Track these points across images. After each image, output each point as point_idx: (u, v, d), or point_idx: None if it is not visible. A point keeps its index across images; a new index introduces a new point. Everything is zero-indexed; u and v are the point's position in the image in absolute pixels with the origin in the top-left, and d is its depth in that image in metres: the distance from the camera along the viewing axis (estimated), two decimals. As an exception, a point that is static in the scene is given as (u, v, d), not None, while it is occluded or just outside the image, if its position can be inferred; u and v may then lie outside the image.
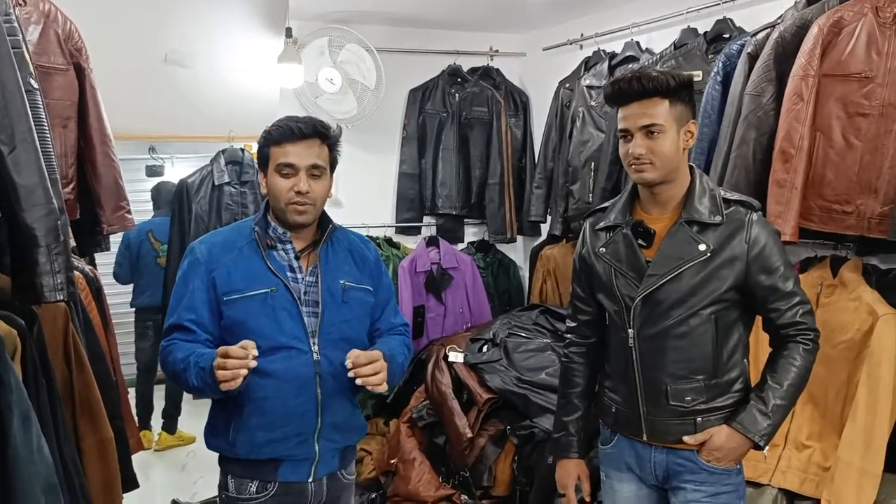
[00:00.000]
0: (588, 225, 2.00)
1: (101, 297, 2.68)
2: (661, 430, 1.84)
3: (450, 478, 3.08)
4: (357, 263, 1.99)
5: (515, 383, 3.01)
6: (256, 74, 3.73)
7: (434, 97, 4.10)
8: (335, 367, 1.86)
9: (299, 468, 1.88)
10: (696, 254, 1.75)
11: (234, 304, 1.82)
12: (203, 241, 1.92)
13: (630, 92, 1.75)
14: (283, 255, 1.89)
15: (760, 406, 1.77)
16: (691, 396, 1.80)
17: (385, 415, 3.77)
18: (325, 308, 1.87)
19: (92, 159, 2.49)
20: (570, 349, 2.09)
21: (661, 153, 1.74)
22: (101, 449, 2.09)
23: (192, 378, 1.73)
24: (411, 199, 4.12)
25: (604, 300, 1.93)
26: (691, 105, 1.79)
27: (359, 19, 3.77)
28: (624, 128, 1.78)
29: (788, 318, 1.79)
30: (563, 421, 2.07)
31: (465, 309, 3.97)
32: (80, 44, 2.41)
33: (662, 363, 1.81)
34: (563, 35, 3.83)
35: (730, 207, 1.78)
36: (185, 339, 1.82)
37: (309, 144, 1.85)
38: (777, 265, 1.76)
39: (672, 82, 1.73)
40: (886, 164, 2.17)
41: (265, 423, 1.83)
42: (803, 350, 1.79)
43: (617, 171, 3.15)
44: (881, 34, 2.17)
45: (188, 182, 4.21)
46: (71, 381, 2.02)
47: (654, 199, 1.84)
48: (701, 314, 1.77)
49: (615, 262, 1.87)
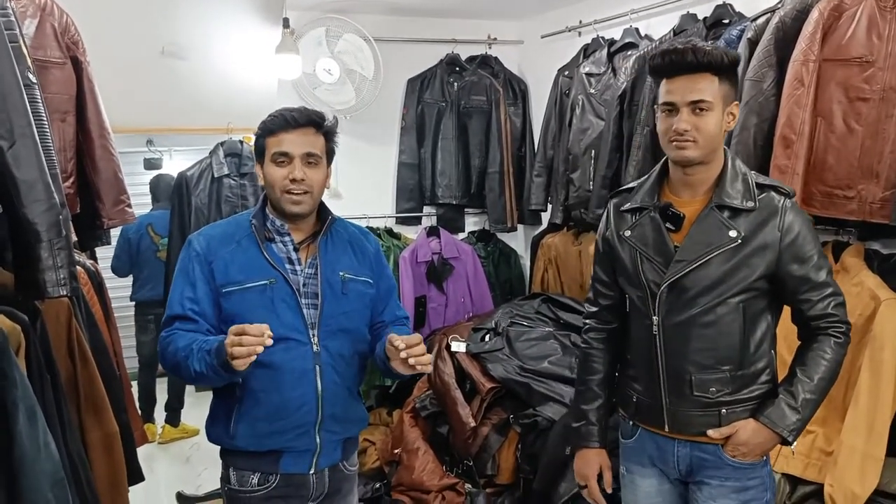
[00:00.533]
0: (612, 206, 1.93)
1: (103, 291, 2.68)
2: (683, 421, 1.79)
3: (453, 467, 3.09)
4: (357, 255, 1.98)
5: (518, 372, 3.01)
6: (254, 66, 3.72)
7: (432, 86, 4.08)
8: (335, 358, 1.87)
9: (300, 460, 1.88)
10: (726, 240, 1.69)
11: (232, 296, 1.82)
12: (201, 234, 1.91)
13: (681, 64, 1.67)
14: (281, 247, 1.89)
15: (789, 400, 1.71)
16: (716, 387, 1.74)
17: (388, 405, 3.79)
18: (325, 300, 1.87)
19: (91, 153, 2.48)
20: (590, 335, 2.02)
21: (706, 131, 1.67)
22: (106, 443, 2.10)
23: (194, 363, 1.71)
24: (411, 189, 4.11)
25: (626, 286, 1.87)
26: (736, 86, 1.74)
27: (356, 9, 3.75)
28: (670, 101, 1.70)
29: (820, 309, 1.72)
30: (583, 409, 2.00)
31: (467, 298, 3.98)
32: (76, 37, 2.40)
33: (687, 352, 1.76)
34: (561, 22, 3.82)
35: (763, 193, 1.72)
36: (186, 328, 1.81)
37: (303, 133, 1.85)
38: (810, 254, 1.70)
39: (725, 59, 1.66)
40: (887, 148, 2.17)
41: (265, 414, 1.83)
42: (835, 343, 1.73)
43: (617, 158, 3.14)
44: (882, 18, 2.16)
45: (187, 175, 4.20)
46: (75, 375, 2.02)
47: (686, 181, 1.77)
48: (729, 302, 1.71)
49: (641, 246, 1.80)
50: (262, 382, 1.81)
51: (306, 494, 1.91)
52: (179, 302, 1.83)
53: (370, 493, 3.17)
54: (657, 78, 1.76)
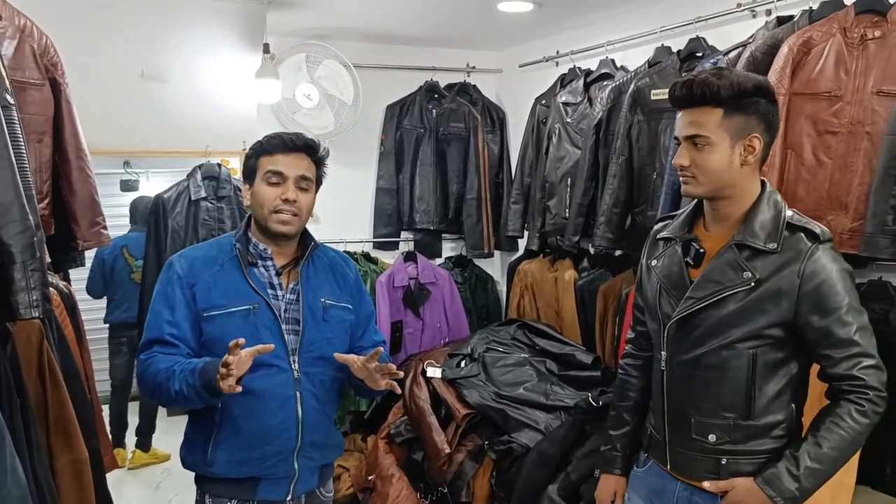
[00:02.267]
0: (653, 232, 1.87)
1: (76, 313, 2.65)
2: (682, 462, 1.74)
3: (428, 494, 3.07)
4: (338, 281, 1.99)
5: (493, 398, 3.01)
6: (234, 90, 3.72)
7: (411, 113, 4.12)
8: (315, 384, 1.87)
9: (278, 486, 1.86)
10: (738, 281, 1.60)
11: (214, 321, 1.81)
12: (183, 256, 1.90)
13: (683, 97, 1.62)
14: (263, 272, 1.88)
15: (791, 466, 1.57)
16: (716, 435, 1.66)
17: (363, 431, 3.76)
18: (306, 326, 1.87)
19: (67, 174, 2.46)
20: (626, 360, 1.98)
21: (705, 167, 1.60)
22: (75, 469, 2.06)
23: (176, 384, 1.69)
24: (389, 214, 4.13)
25: (647, 316, 1.84)
26: (756, 115, 1.60)
27: (336, 35, 3.79)
28: (675, 135, 1.67)
29: (843, 369, 1.57)
30: (611, 435, 1.97)
31: (443, 324, 3.98)
32: (55, 59, 2.39)
33: (690, 393, 1.70)
34: (539, 52, 3.88)
35: (793, 234, 1.60)
36: (165, 352, 1.79)
37: (299, 157, 1.87)
38: (836, 306, 1.55)
39: (725, 91, 1.56)
40: (856, 180, 2.22)
41: (245, 441, 1.81)
42: (856, 411, 1.55)
43: (593, 187, 3.19)
44: (849, 54, 2.22)
45: (164, 197, 4.17)
46: (45, 399, 1.99)
47: (714, 215, 1.70)
48: (736, 347, 1.62)
49: (663, 278, 1.75)
50: (243, 409, 1.80)
51: None
52: (158, 325, 1.81)
53: (344, 520, 3.14)
54: (677, 109, 1.70)
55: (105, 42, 3.29)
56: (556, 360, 3.23)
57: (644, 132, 2.92)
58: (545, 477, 2.71)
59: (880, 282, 2.32)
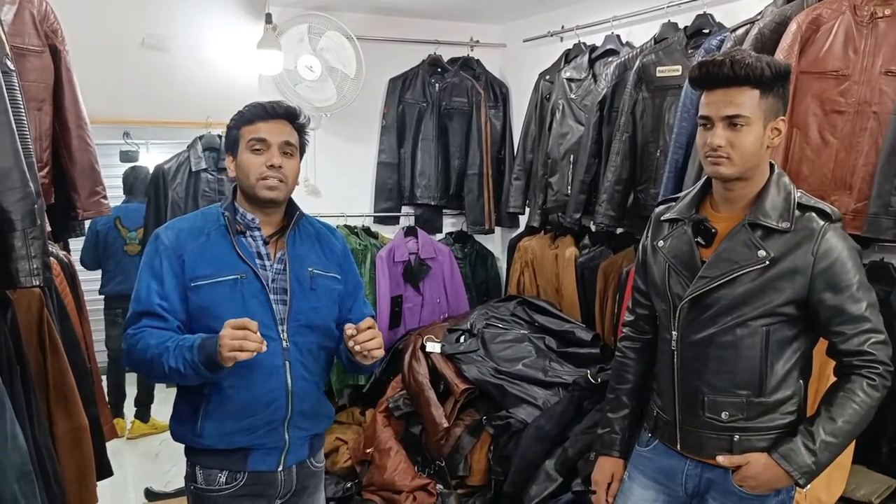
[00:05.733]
0: (655, 214, 1.87)
1: (76, 283, 2.65)
2: (694, 441, 1.75)
3: (425, 467, 3.09)
4: (325, 251, 1.98)
5: (492, 374, 3.02)
6: (235, 60, 3.70)
7: (414, 87, 4.08)
8: (304, 354, 1.87)
9: (269, 457, 1.87)
10: (753, 260, 1.61)
11: (201, 290, 1.80)
12: (169, 227, 1.89)
13: (718, 76, 1.59)
14: (251, 241, 1.88)
15: (807, 440, 1.60)
16: (729, 412, 1.68)
17: (361, 404, 3.77)
18: (293, 296, 1.86)
19: (67, 143, 2.45)
20: (624, 343, 1.99)
21: (742, 148, 1.60)
22: (75, 437, 2.07)
23: (170, 360, 1.69)
24: (390, 188, 4.11)
25: (654, 297, 1.84)
26: (784, 99, 1.63)
27: (339, 6, 3.74)
28: (706, 115, 1.63)
29: (854, 345, 1.61)
30: (609, 418, 1.98)
31: (443, 299, 3.98)
32: (55, 25, 2.37)
33: (702, 372, 1.70)
34: (543, 27, 3.84)
35: (804, 213, 1.62)
36: (155, 325, 1.78)
37: (281, 123, 1.87)
38: (847, 284, 1.59)
39: (767, 72, 1.56)
40: (861, 161, 2.21)
41: (234, 411, 1.81)
42: (868, 385, 1.59)
43: (596, 164, 3.17)
44: (858, 32, 2.20)
45: (164, 168, 4.16)
46: (45, 367, 2.00)
47: (725, 196, 1.70)
48: (750, 325, 1.64)
49: (671, 259, 1.75)
50: (232, 379, 1.79)
51: (274, 492, 1.90)
52: (147, 297, 1.79)
53: (341, 492, 3.16)
54: (697, 89, 1.69)
55: (106, 9, 3.27)
56: (556, 337, 3.24)
57: (648, 109, 2.90)
58: (542, 452, 2.73)
59: (882, 263, 2.32)
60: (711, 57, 1.64)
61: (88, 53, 2.78)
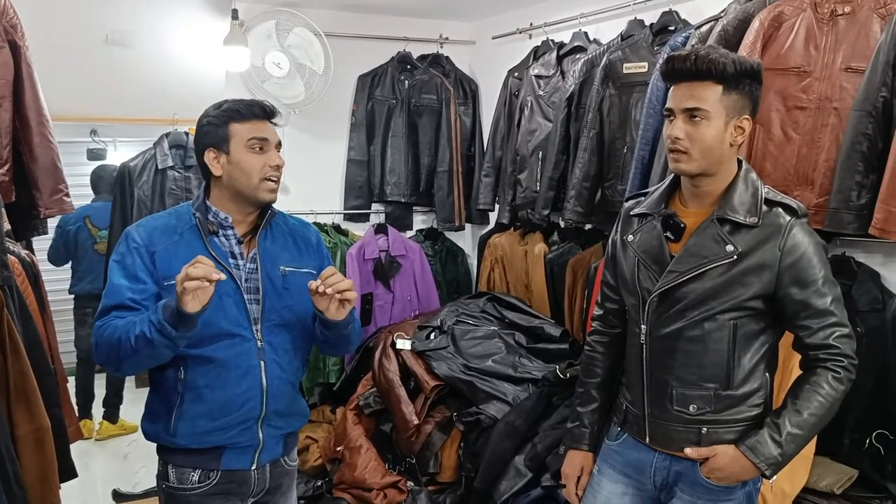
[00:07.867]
0: (624, 209, 1.88)
1: (39, 282, 2.61)
2: (663, 435, 1.76)
3: (396, 465, 3.08)
4: (299, 246, 1.97)
5: (462, 370, 3.03)
6: (201, 57, 3.66)
7: (383, 83, 4.07)
8: (278, 353, 1.86)
9: (243, 456, 1.85)
10: (721, 255, 1.63)
11: (174, 290, 1.77)
12: (141, 225, 1.86)
13: (682, 71, 1.62)
14: (224, 241, 1.85)
15: (773, 432, 1.63)
16: (697, 405, 1.70)
17: (332, 402, 3.76)
18: (266, 295, 1.85)
19: (28, 140, 2.41)
20: (594, 337, 1.99)
21: (701, 142, 1.62)
22: (37, 438, 2.04)
23: (136, 329, 1.64)
24: (360, 186, 4.10)
25: (624, 291, 1.85)
26: (752, 97, 1.65)
27: (307, 3, 3.72)
28: (669, 107, 1.66)
29: (819, 338, 1.63)
30: (578, 412, 1.98)
31: (413, 296, 3.97)
32: (14, 20, 2.33)
33: (671, 366, 1.72)
34: (512, 24, 3.85)
35: (771, 209, 1.64)
36: (123, 316, 1.73)
37: (270, 123, 1.87)
38: (813, 278, 1.61)
39: (731, 68, 1.58)
40: (822, 156, 2.24)
41: (208, 411, 1.80)
42: (833, 378, 1.62)
43: (564, 160, 3.19)
44: (819, 29, 2.24)
45: (130, 165, 4.10)
46: (6, 367, 1.97)
47: (693, 192, 1.72)
48: (718, 319, 1.66)
49: (640, 253, 1.76)
50: (207, 378, 1.78)
51: (247, 491, 1.89)
52: (117, 292, 1.76)
53: (311, 490, 3.15)
54: (667, 83, 1.71)
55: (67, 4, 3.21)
56: (525, 333, 3.25)
57: (615, 106, 2.92)
58: (512, 448, 2.74)
59: (844, 257, 2.36)
60: (678, 53, 1.66)
61: (51, 50, 2.74)
